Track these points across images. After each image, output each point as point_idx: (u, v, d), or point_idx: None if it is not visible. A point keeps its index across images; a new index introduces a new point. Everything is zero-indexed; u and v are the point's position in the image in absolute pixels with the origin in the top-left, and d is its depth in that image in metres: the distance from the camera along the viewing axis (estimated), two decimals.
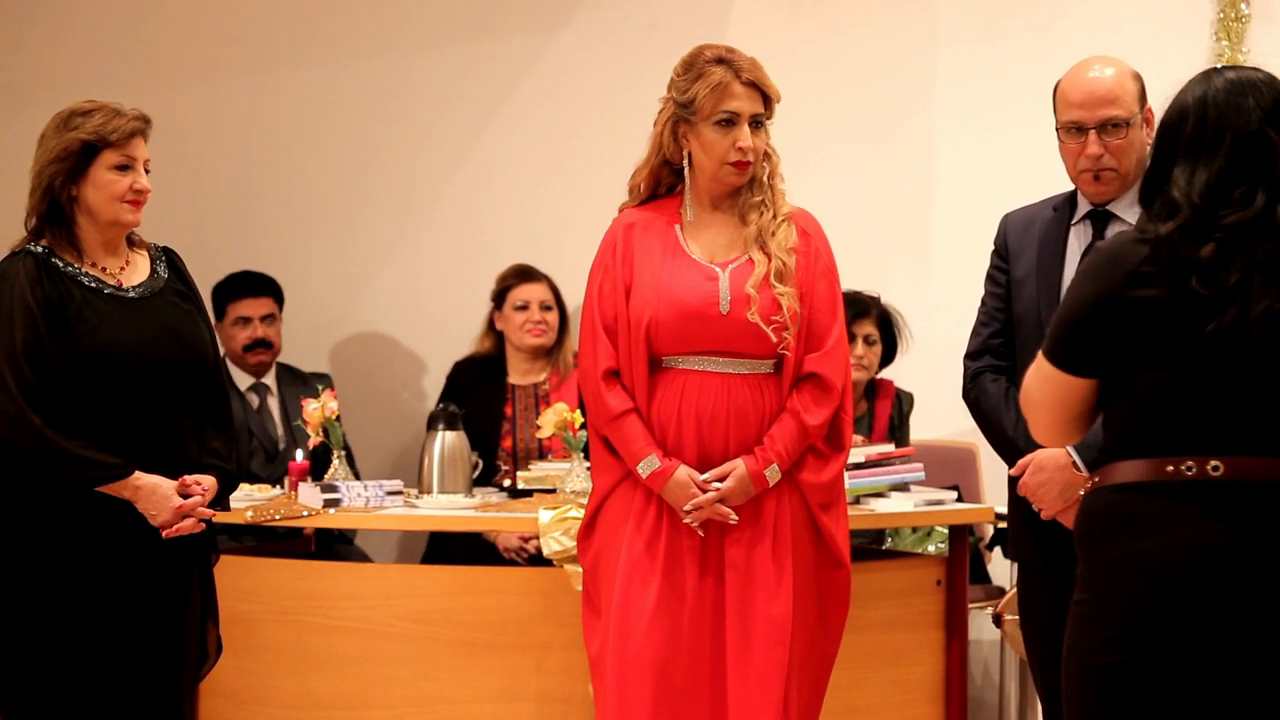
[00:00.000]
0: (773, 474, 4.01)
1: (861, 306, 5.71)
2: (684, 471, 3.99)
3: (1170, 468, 3.01)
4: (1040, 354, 3.19)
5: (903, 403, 5.88)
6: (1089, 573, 3.10)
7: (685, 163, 4.10)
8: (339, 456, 5.26)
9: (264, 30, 6.46)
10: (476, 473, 5.40)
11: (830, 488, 4.10)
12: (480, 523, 5.10)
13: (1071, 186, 4.06)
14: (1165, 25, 5.85)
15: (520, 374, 5.96)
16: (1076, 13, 6.08)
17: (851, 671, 4.87)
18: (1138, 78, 3.98)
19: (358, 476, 5.39)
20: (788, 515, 4.05)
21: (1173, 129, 3.08)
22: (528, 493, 5.27)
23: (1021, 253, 4.06)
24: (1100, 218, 4.01)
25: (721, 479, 4.00)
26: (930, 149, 6.31)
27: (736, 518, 4.00)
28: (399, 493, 5.08)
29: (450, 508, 5.06)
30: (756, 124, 4.05)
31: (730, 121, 4.03)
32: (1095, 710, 3.06)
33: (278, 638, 4.88)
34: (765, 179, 4.10)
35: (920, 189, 6.32)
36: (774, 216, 4.06)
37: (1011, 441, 3.95)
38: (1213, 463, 3.00)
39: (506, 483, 5.55)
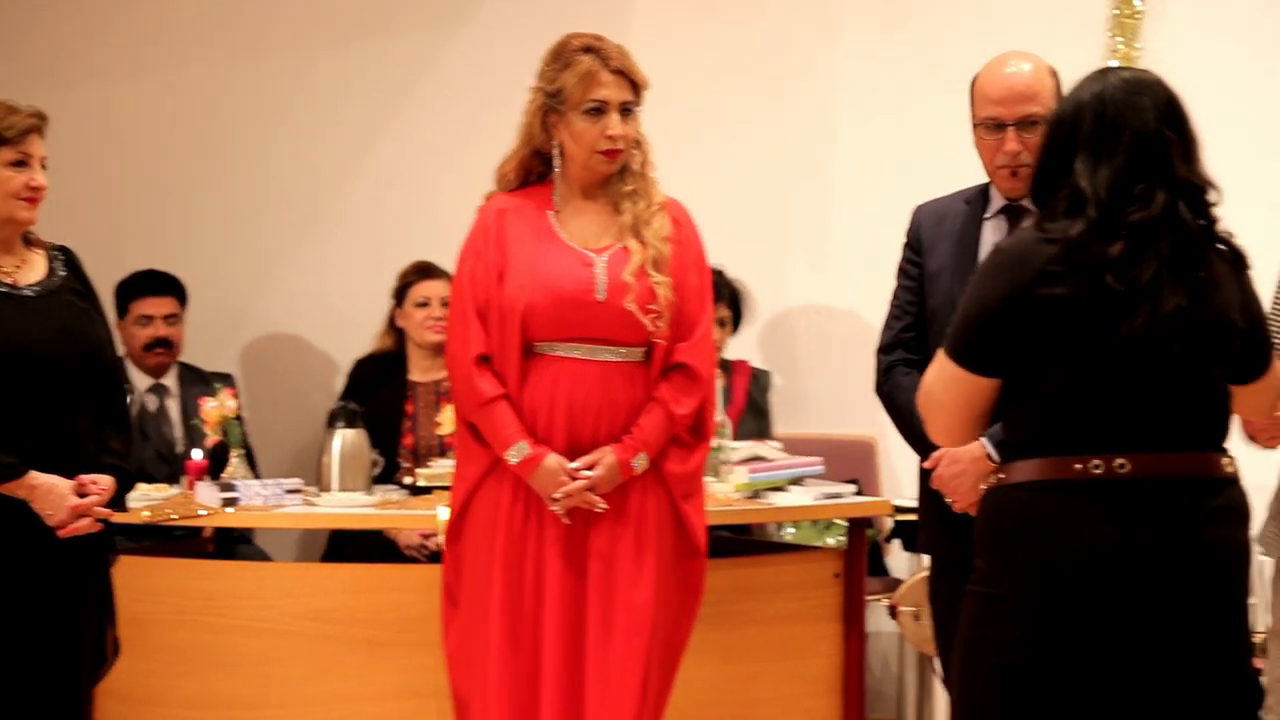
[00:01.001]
0: (640, 463, 4.03)
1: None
2: (554, 459, 4.00)
3: (1078, 466, 3.02)
4: (942, 355, 3.18)
5: (760, 380, 5.91)
6: (993, 570, 3.10)
7: (555, 152, 4.10)
8: (238, 455, 5.23)
9: (165, 27, 6.41)
10: (377, 470, 5.39)
11: (692, 478, 4.14)
12: (380, 520, 5.09)
13: (984, 180, 4.06)
14: (1061, 20, 5.91)
15: (421, 371, 5.94)
16: (973, 6, 6.13)
17: (750, 664, 4.91)
18: (1054, 74, 3.97)
19: (257, 475, 5.36)
20: (652, 504, 4.07)
21: (1069, 125, 3.10)
22: (428, 490, 5.25)
23: (935, 246, 4.06)
24: (1015, 213, 4.00)
25: (590, 467, 4.01)
26: (829, 141, 6.35)
27: (605, 506, 4.02)
28: (298, 491, 5.06)
29: (350, 505, 5.04)
30: (626, 112, 4.05)
31: (599, 110, 4.03)
32: (997, 708, 3.06)
33: (175, 638, 4.85)
34: (637, 167, 4.11)
35: (819, 182, 6.35)
36: (648, 205, 4.07)
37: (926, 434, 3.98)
38: (1119, 460, 3.01)
39: (407, 480, 5.53)
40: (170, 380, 6.03)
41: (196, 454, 5.35)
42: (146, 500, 5.00)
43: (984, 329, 3.09)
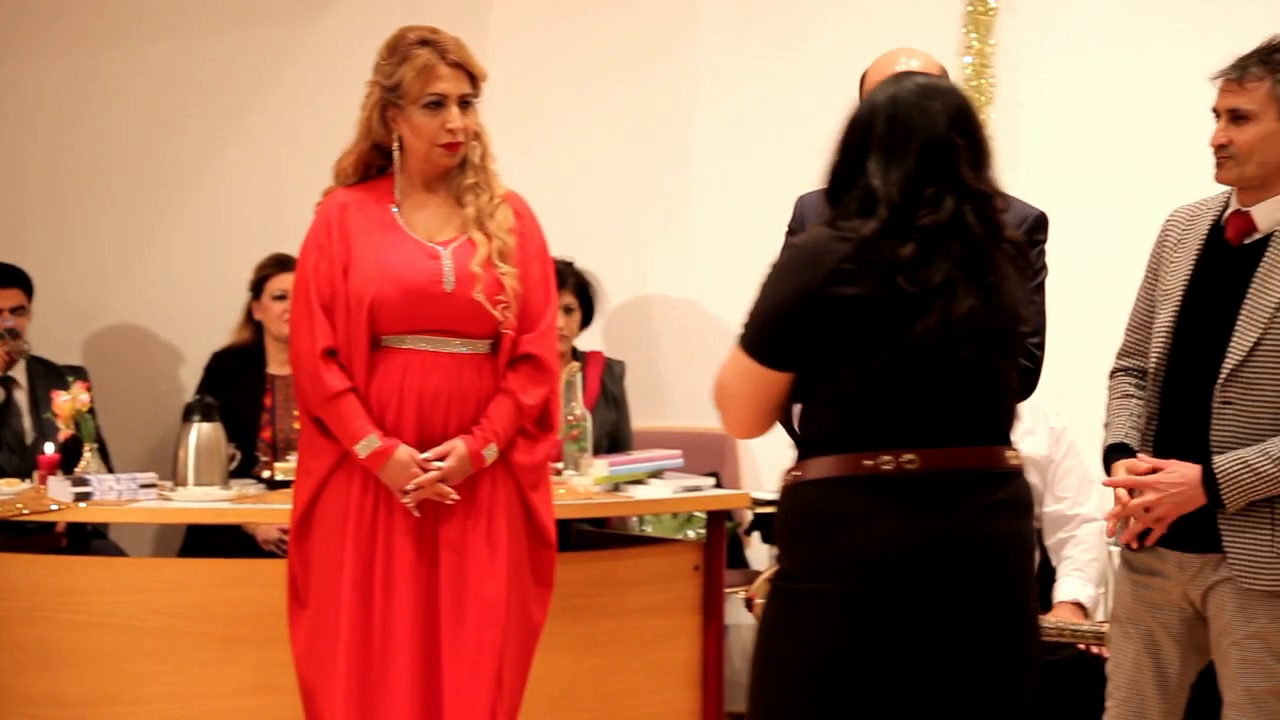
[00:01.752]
0: (491, 453, 4.04)
1: (558, 277, 5.75)
2: (404, 451, 3.99)
3: (868, 462, 3.07)
4: (737, 348, 3.21)
5: (614, 370, 5.93)
6: (794, 565, 3.15)
7: (395, 146, 4.09)
8: (91, 449, 5.17)
9: (9, 18, 6.31)
10: (234, 464, 5.34)
11: (539, 468, 4.15)
12: (236, 515, 5.04)
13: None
14: (916, 18, 5.96)
15: (279, 364, 5.90)
16: (831, 4, 6.18)
17: (610, 657, 4.92)
18: (943, 71, 3.98)
19: (111, 469, 5.30)
20: (501, 496, 4.08)
21: (862, 127, 3.14)
22: (286, 484, 5.20)
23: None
24: None
25: (442, 458, 4.01)
26: (691, 138, 6.37)
27: (456, 497, 4.01)
28: (153, 485, 5.01)
29: (205, 500, 4.99)
30: (465, 104, 4.05)
31: (438, 103, 4.02)
32: (799, 700, 3.10)
33: (26, 635, 4.78)
34: (478, 160, 4.10)
35: (681, 178, 6.38)
36: (491, 198, 4.07)
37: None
38: (907, 456, 3.06)
39: (265, 474, 5.49)
40: (19, 373, 5.94)
41: (49, 448, 5.28)
42: None
43: (777, 325, 3.13)
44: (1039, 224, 3.99)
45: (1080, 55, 5.95)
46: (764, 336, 3.15)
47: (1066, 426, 5.28)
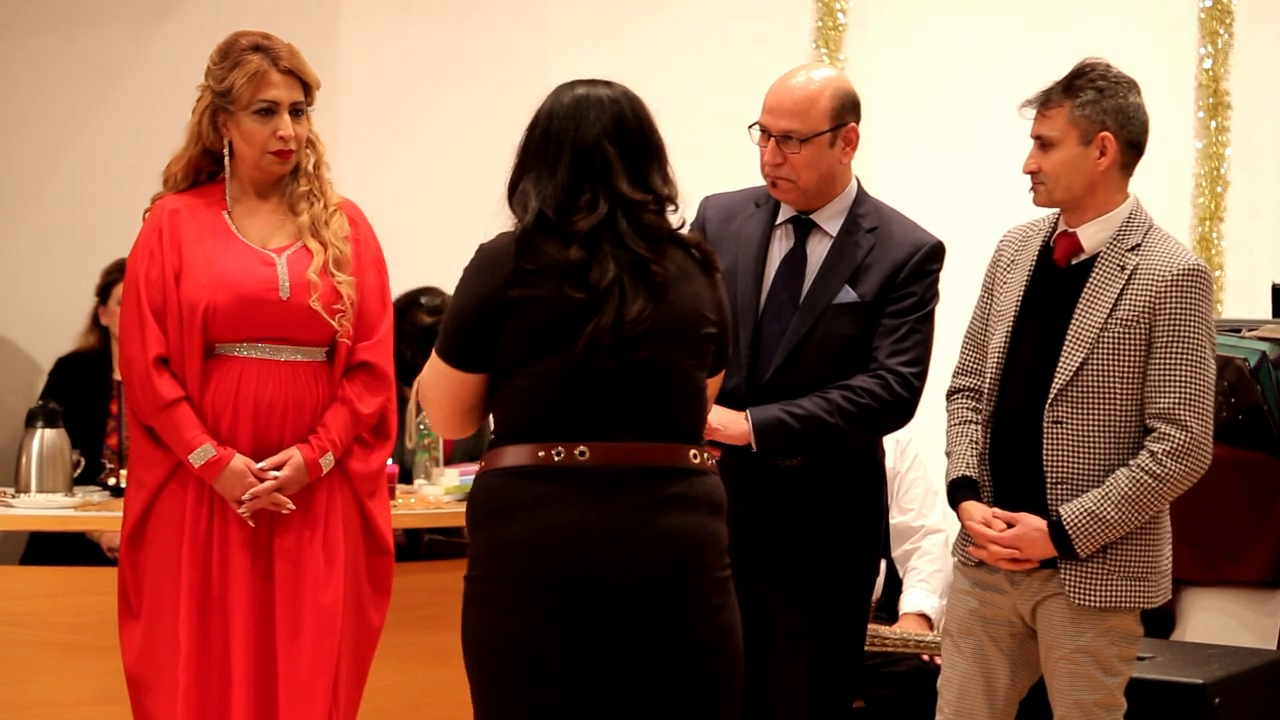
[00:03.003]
0: (327, 462, 4.03)
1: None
2: (239, 460, 3.97)
3: (542, 453, 3.21)
4: (434, 351, 3.33)
5: None
6: (475, 552, 3.29)
7: (226, 151, 4.07)
8: None
9: None
10: (78, 471, 5.27)
11: (376, 476, 4.15)
12: (79, 522, 4.97)
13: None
14: (766, 32, 6.02)
15: None
16: (685, 16, 6.21)
17: (460, 668, 4.91)
18: (840, 96, 3.99)
19: None
20: (338, 504, 4.07)
21: (526, 139, 3.31)
22: None
23: (721, 244, 4.00)
24: (802, 225, 4.07)
25: (278, 467, 3.99)
26: None
27: (293, 506, 4.00)
28: None
29: (49, 507, 4.92)
30: (297, 112, 4.03)
31: (270, 110, 4.00)
32: (493, 685, 3.24)
33: None
34: (311, 168, 4.09)
35: None
36: (325, 206, 4.06)
37: None
38: (580, 448, 3.21)
39: (111, 481, 5.43)
40: None
41: None
42: None
43: (463, 329, 3.28)
44: (932, 254, 4.05)
45: (927, 72, 6.03)
46: (452, 341, 3.30)
47: (911, 439, 5.34)
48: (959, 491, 3.95)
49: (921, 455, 5.35)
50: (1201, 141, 5.94)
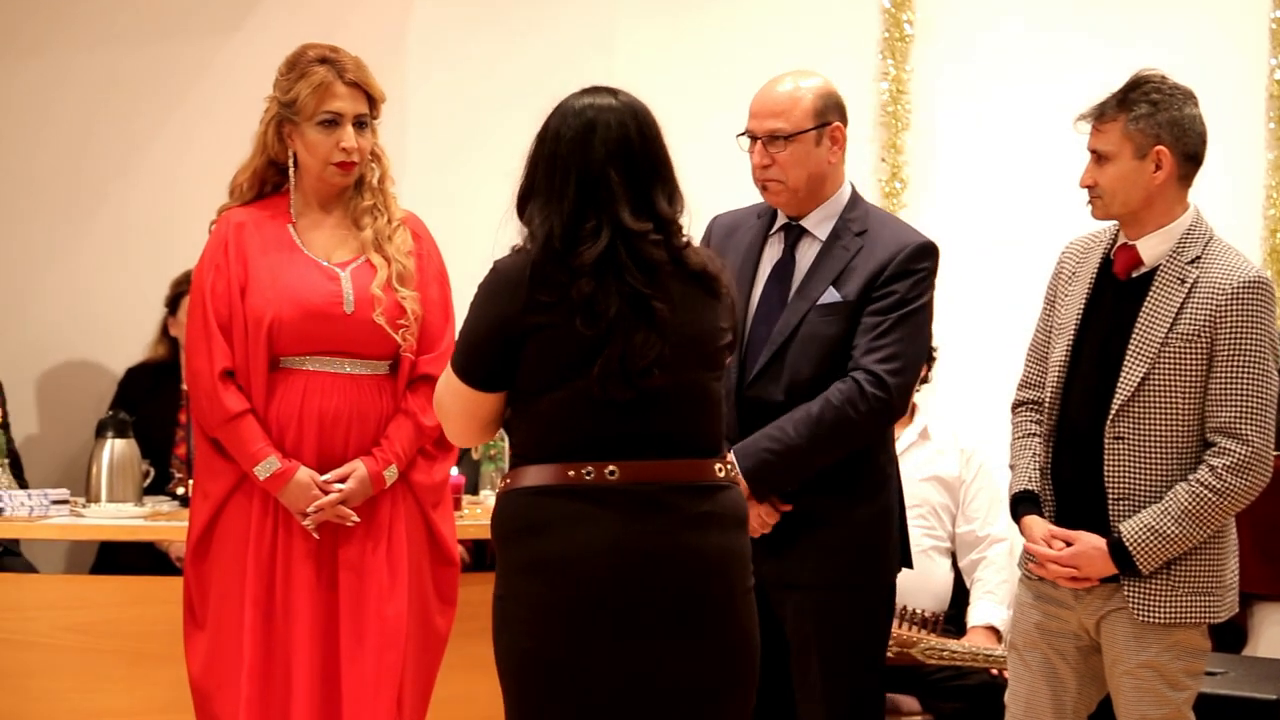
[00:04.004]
0: (391, 474, 4.04)
1: None
2: (305, 473, 3.98)
3: (572, 472, 3.22)
4: (449, 367, 3.35)
5: None
6: (505, 571, 3.29)
7: (291, 163, 4.09)
8: (1, 465, 5.13)
9: None
10: (148, 481, 5.31)
11: (440, 487, 4.15)
12: (149, 532, 5.01)
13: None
14: (832, 44, 6.01)
15: None
16: (750, 28, 6.20)
17: None
18: (823, 95, 4.03)
19: (24, 485, 5.26)
20: (402, 515, 4.08)
21: (534, 155, 3.30)
22: None
23: (721, 258, 4.09)
24: (791, 231, 4.09)
25: (342, 480, 4.00)
26: None
27: (357, 519, 4.01)
28: (65, 501, 4.98)
29: (118, 517, 4.96)
30: (361, 125, 4.05)
31: (333, 122, 4.02)
32: (525, 703, 3.26)
33: None
34: (375, 182, 4.10)
35: None
36: (389, 221, 4.07)
37: None
38: (610, 468, 3.22)
39: (179, 491, 5.46)
40: None
41: None
42: None
43: (481, 350, 3.29)
44: (919, 253, 4.02)
45: (993, 83, 6.01)
46: (469, 361, 3.31)
47: (977, 448, 5.33)
48: (1020, 506, 3.93)
49: (986, 465, 5.33)
50: (1273, 153, 5.89)
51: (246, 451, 3.98)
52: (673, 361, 3.23)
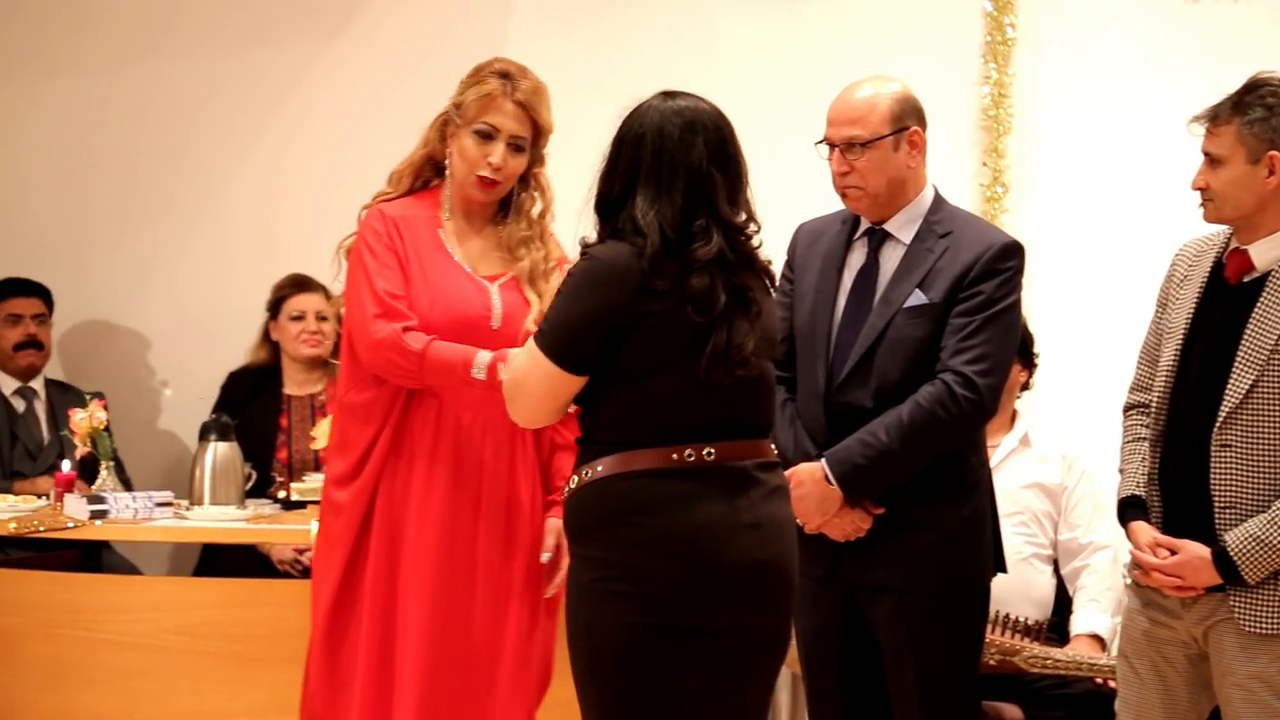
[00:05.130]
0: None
1: None
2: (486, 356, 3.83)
3: (675, 455, 3.40)
4: (536, 348, 3.43)
5: None
6: (610, 553, 3.42)
7: (447, 163, 4.05)
8: (107, 467, 5.19)
9: (35, 36, 6.35)
10: (250, 484, 5.35)
11: None
12: (251, 534, 5.05)
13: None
14: (933, 47, 5.97)
15: (296, 384, 5.92)
16: (853, 32, 6.18)
17: None
18: (900, 100, 4.02)
19: (128, 487, 5.32)
20: (538, 533, 4.01)
21: (631, 154, 3.42)
22: (301, 504, 5.23)
23: (808, 265, 4.13)
24: (874, 236, 4.08)
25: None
26: None
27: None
28: (169, 504, 5.02)
29: (221, 519, 5.00)
30: (518, 148, 4.00)
31: (489, 135, 3.98)
32: (622, 671, 3.39)
33: (39, 651, 4.80)
34: (535, 214, 4.06)
35: None
36: (547, 258, 4.02)
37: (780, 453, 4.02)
38: (707, 449, 3.41)
39: (281, 494, 5.50)
40: (38, 385, 6.01)
41: (65, 465, 5.30)
42: (14, 511, 4.94)
43: (582, 335, 3.40)
44: (1005, 252, 4.01)
45: (1098, 85, 5.95)
46: (567, 344, 3.42)
47: (1079, 454, 5.28)
48: (1128, 511, 3.89)
49: (1089, 471, 5.28)
50: None
51: (456, 364, 3.84)
52: (758, 352, 3.45)
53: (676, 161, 3.38)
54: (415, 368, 3.87)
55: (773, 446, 3.54)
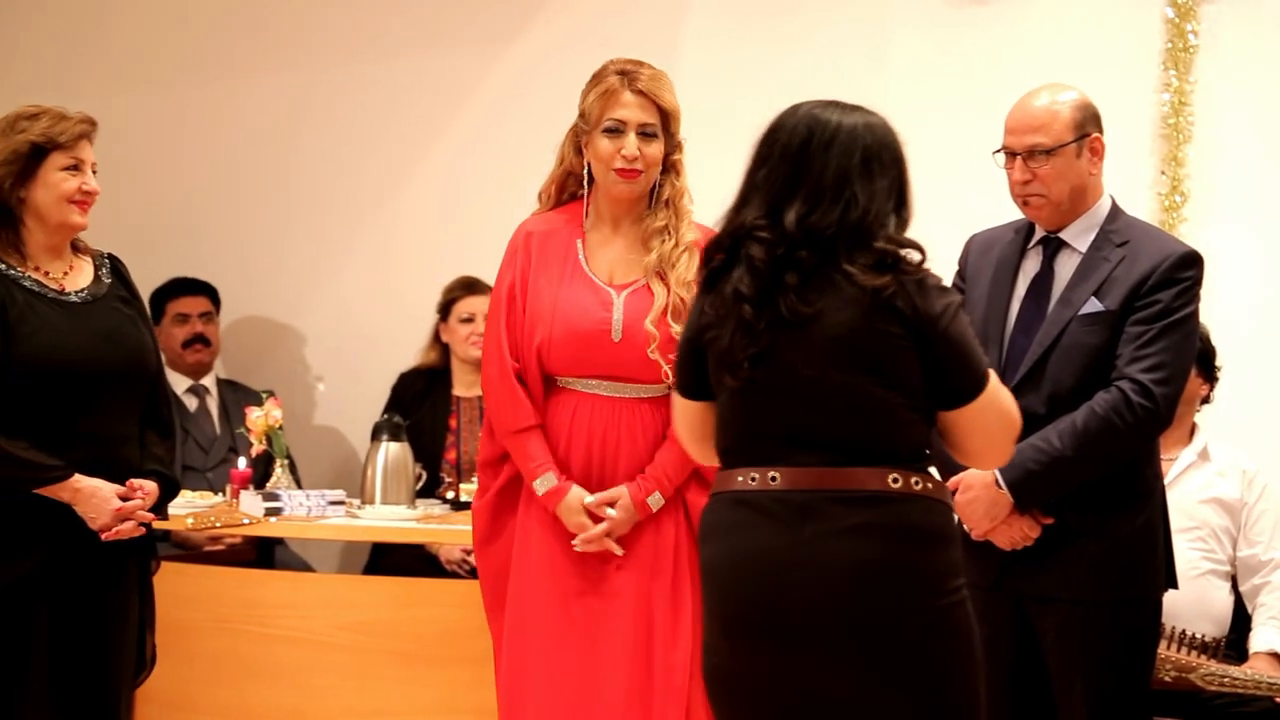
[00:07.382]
0: (655, 501, 3.98)
1: None
2: (575, 495, 3.95)
3: (740, 479, 3.21)
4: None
5: None
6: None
7: (586, 174, 4.07)
8: (282, 465, 5.25)
9: (209, 38, 6.45)
10: (420, 484, 5.40)
11: None
12: (421, 534, 5.09)
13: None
14: (1113, 55, 5.89)
15: (465, 386, 5.96)
16: (1028, 39, 6.11)
17: None
18: (1081, 107, 3.99)
19: (300, 486, 5.38)
20: (673, 541, 4.00)
21: (803, 161, 3.27)
22: (469, 505, 5.25)
23: (979, 275, 4.09)
24: (1050, 244, 4.04)
25: (610, 503, 3.96)
26: None
27: (621, 551, 3.96)
28: (341, 503, 5.08)
29: (392, 519, 5.05)
30: (648, 135, 4.00)
31: (617, 130, 3.99)
32: (715, 709, 3.28)
33: (214, 646, 4.87)
34: (671, 199, 4.05)
35: None
36: (675, 245, 4.01)
37: (942, 459, 3.97)
38: (772, 473, 3.16)
39: (450, 495, 5.54)
40: (210, 383, 6.10)
41: (241, 463, 5.37)
42: (190, 507, 5.02)
43: (683, 358, 3.31)
44: (1183, 262, 3.95)
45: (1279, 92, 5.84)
46: (678, 370, 3.34)
47: (1260, 469, 5.18)
48: None
49: (1271, 487, 5.17)
50: None
51: (528, 466, 3.99)
52: (827, 357, 3.19)
53: (843, 175, 3.22)
54: (507, 430, 4.01)
55: (892, 478, 3.14)
